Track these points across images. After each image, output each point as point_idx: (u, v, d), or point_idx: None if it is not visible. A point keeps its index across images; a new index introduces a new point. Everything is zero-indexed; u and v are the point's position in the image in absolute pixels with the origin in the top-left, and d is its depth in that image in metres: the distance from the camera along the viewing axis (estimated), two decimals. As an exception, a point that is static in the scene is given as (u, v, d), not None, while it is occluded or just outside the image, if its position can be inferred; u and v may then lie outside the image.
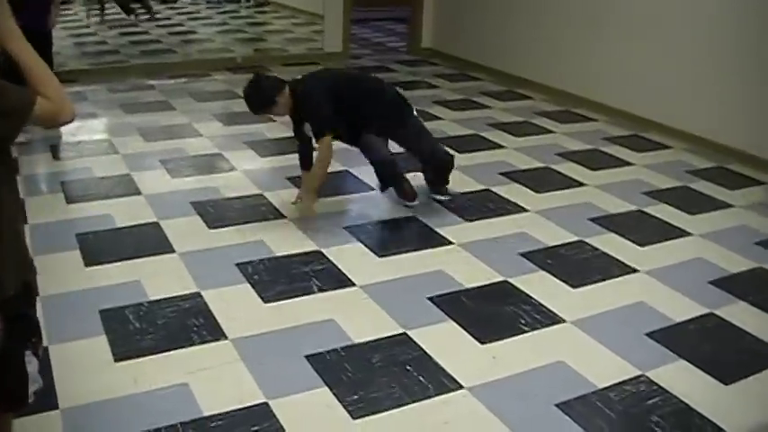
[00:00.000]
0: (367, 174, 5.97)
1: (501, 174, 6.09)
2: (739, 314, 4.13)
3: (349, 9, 10.68)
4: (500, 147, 6.79)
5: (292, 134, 5.45)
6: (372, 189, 5.73)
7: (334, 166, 6.08)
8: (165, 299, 4.07)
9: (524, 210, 5.42)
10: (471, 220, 5.21)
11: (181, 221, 5.09)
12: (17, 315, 2.21)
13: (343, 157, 6.29)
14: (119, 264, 4.48)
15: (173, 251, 4.65)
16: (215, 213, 5.21)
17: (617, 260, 4.70)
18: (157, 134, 6.99)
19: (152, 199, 5.47)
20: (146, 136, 6.92)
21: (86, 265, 4.47)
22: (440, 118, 7.68)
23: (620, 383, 3.45)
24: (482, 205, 5.48)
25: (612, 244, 4.93)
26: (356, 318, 3.95)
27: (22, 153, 6.36)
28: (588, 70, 8.09)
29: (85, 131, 7.14)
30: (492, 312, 4.04)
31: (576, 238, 4.99)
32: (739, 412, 3.30)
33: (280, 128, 7.13)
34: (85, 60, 10.41)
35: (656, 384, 3.45)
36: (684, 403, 3.32)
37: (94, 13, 13.62)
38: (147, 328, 3.78)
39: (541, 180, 6.01)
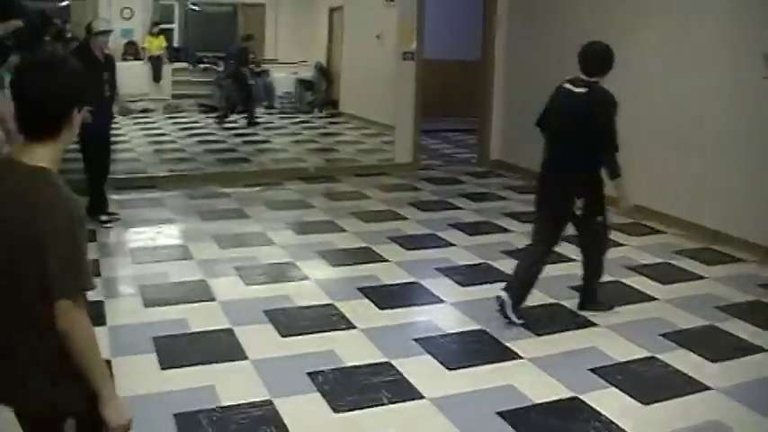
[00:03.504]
0: (435, 285, 6.04)
1: (570, 288, 6.07)
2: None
3: (419, 120, 10.93)
4: (570, 260, 6.78)
5: (364, 244, 5.54)
6: (442, 301, 5.77)
7: (403, 277, 6.19)
8: (237, 405, 4.14)
9: (594, 324, 5.40)
10: (541, 335, 5.20)
11: (254, 328, 5.19)
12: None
13: (413, 268, 6.39)
14: (193, 368, 4.59)
15: (245, 358, 4.74)
16: (287, 321, 5.31)
17: (689, 377, 4.63)
18: (232, 241, 7.18)
19: (226, 305, 5.60)
20: (220, 243, 7.11)
21: (162, 368, 4.58)
22: (509, 230, 7.75)
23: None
24: (552, 319, 5.48)
25: (684, 360, 4.86)
26: (425, 431, 3.96)
27: (103, 255, 6.59)
28: (658, 182, 8.07)
29: (162, 237, 7.39)
30: (561, 429, 4.02)
31: (647, 354, 4.94)
32: None
33: (351, 238, 7.28)
34: (164, 167, 10.81)
35: None
36: None
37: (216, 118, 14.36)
38: (219, 435, 3.85)
39: (611, 294, 5.98)
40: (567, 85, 5.34)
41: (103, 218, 7.57)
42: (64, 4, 17.09)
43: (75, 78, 2.32)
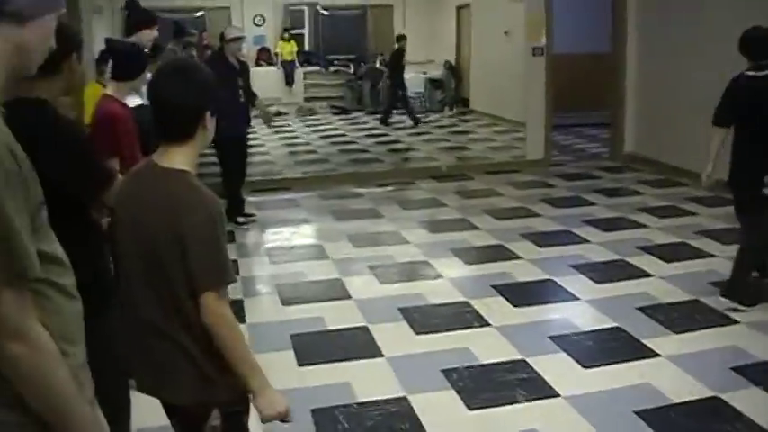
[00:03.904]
0: (570, 282, 5.98)
1: (710, 283, 5.89)
2: None
3: (551, 116, 10.82)
4: (710, 255, 6.60)
5: (497, 242, 5.54)
6: (577, 299, 5.72)
7: (537, 274, 6.16)
8: (372, 401, 4.23)
9: (735, 321, 5.22)
10: (679, 332, 5.08)
11: (388, 326, 5.28)
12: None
13: (546, 265, 6.36)
14: (329, 365, 4.71)
15: (381, 355, 4.83)
16: (421, 319, 5.37)
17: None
18: (366, 240, 7.31)
19: (361, 303, 5.71)
20: (355, 242, 7.25)
21: (299, 365, 4.72)
22: (645, 226, 7.59)
23: None
24: (690, 316, 5.34)
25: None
26: (561, 430, 3.95)
27: (241, 256, 6.83)
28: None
29: (298, 237, 7.60)
30: (701, 430, 3.92)
31: (793, 353, 4.76)
32: None
33: (484, 235, 7.29)
34: (298, 169, 11.08)
35: None
36: None
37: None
38: (355, 429, 3.94)
39: (756, 291, 5.78)
40: (750, 72, 5.23)
41: (240, 219, 7.83)
42: (199, 14, 17.72)
43: (208, 82, 2.45)
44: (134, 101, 5.64)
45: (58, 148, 2.74)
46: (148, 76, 4.87)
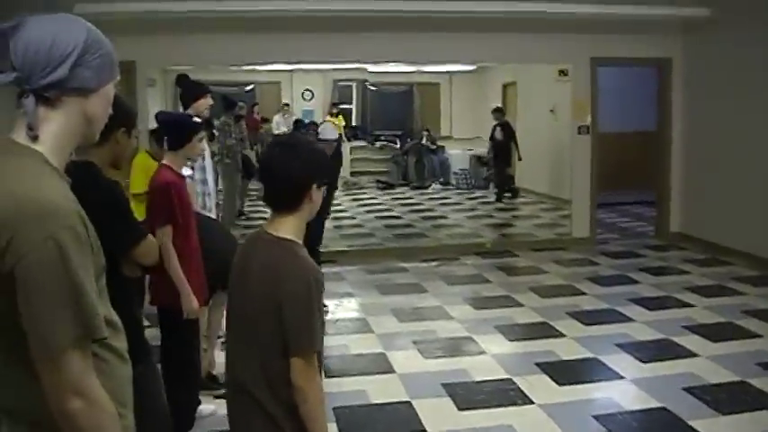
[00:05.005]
0: (615, 361, 5.96)
1: (758, 364, 5.84)
2: None
3: (596, 194, 10.84)
4: (756, 336, 6.53)
5: (542, 319, 5.55)
6: (622, 377, 5.69)
7: (581, 353, 6.15)
8: (416, 478, 4.24)
9: (784, 405, 5.17)
10: (726, 413, 5.03)
11: (432, 402, 5.30)
12: None
13: (591, 344, 6.34)
14: (374, 440, 4.72)
15: (424, 431, 4.83)
16: (464, 395, 5.38)
17: None
18: (410, 315, 7.35)
19: (405, 378, 5.74)
20: (399, 316, 7.30)
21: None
22: (691, 305, 7.53)
23: None
24: (737, 398, 5.28)
25: None
26: None
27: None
28: None
29: (343, 310, 7.65)
30: None
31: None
32: None
33: (528, 312, 7.30)
34: (344, 242, 11.16)
35: None
36: None
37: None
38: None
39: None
40: None
41: None
42: (249, 88, 18.13)
43: (316, 157, 2.65)
44: (186, 171, 5.82)
45: (98, 203, 2.90)
46: (204, 146, 5.06)
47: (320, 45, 9.63)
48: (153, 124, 5.81)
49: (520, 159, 14.62)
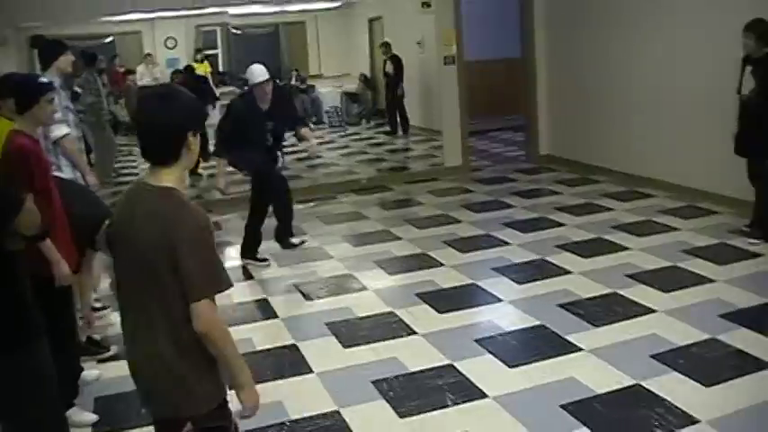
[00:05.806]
0: (493, 285, 6.10)
1: (627, 276, 6.08)
2: None
3: (466, 123, 10.96)
4: (624, 249, 6.79)
5: (420, 250, 5.61)
6: (500, 300, 5.83)
7: (460, 280, 6.26)
8: (305, 418, 4.27)
9: (652, 311, 5.39)
10: (599, 325, 5.23)
11: (317, 342, 5.32)
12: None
13: (469, 270, 6.46)
14: (260, 385, 4.64)
15: (311, 371, 4.86)
16: (348, 333, 5.42)
17: (751, 356, 4.61)
18: (290, 258, 7.32)
19: (289, 322, 5.74)
20: (279, 261, 7.26)
21: (230, 387, 4.69)
22: (562, 224, 7.76)
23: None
24: (609, 309, 5.50)
25: (745, 339, 4.84)
26: (491, 430, 4.04)
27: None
28: (711, 162, 7.92)
29: (222, 258, 7.52)
30: (625, 417, 4.05)
31: (707, 336, 4.93)
32: None
33: (407, 245, 7.37)
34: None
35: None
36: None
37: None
38: (290, 448, 3.97)
39: (669, 279, 5.97)
40: None
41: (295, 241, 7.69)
42: (108, 40, 17.49)
43: (189, 105, 2.56)
44: (62, 130, 5.57)
45: None
46: (56, 104, 4.83)
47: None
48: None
49: (402, 95, 14.50)
